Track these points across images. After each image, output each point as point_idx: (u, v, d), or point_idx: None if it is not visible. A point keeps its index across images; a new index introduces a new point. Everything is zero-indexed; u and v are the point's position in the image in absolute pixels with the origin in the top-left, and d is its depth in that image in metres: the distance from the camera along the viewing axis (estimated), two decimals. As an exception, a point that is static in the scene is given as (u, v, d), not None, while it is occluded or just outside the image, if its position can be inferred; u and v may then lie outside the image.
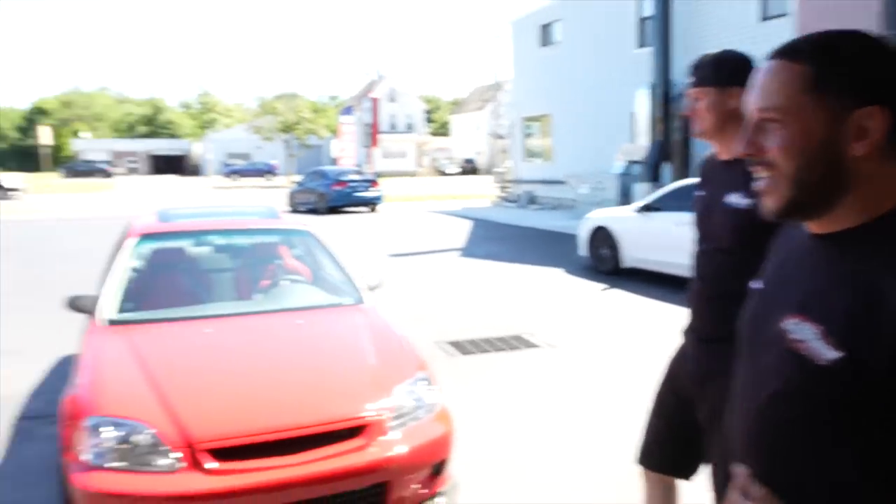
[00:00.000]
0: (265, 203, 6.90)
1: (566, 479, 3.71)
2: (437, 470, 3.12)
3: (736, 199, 1.98)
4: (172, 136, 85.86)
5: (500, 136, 29.71)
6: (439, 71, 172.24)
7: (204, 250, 4.74)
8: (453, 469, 3.26)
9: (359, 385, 3.13)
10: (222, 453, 2.67)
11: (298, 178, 27.23)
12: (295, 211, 21.96)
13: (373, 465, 2.83)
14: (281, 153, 51.72)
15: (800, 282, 1.06)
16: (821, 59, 1.01)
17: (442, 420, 3.21)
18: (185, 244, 4.67)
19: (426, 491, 3.08)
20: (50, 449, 4.12)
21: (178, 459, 2.64)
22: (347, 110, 38.56)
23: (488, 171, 56.12)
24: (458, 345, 6.41)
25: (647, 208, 9.44)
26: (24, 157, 77.36)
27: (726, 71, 2.05)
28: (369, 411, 2.95)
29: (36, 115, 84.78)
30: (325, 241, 4.70)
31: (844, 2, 5.20)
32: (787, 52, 1.05)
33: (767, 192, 1.07)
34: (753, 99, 1.07)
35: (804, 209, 1.05)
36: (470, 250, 13.01)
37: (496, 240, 14.59)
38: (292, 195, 23.73)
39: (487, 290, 9.17)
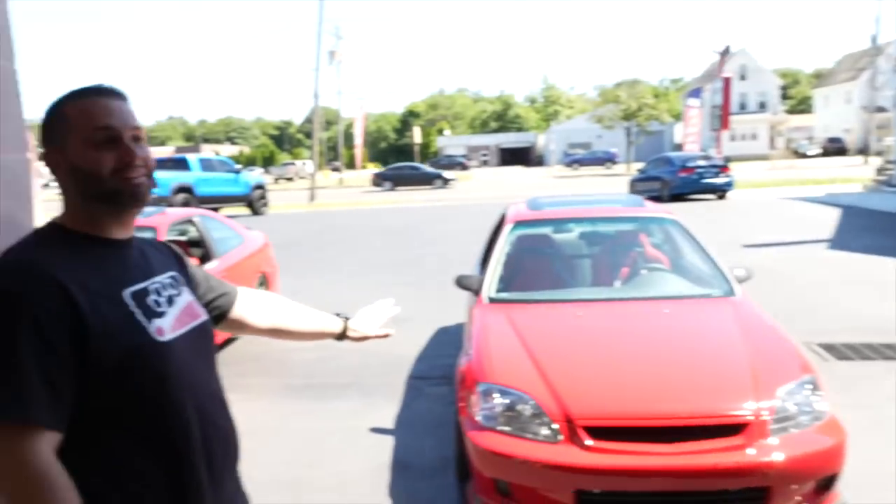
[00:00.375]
0: (623, 192, 6.91)
1: None
2: (825, 485, 2.83)
3: None
4: (519, 129, 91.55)
5: (880, 109, 25.39)
6: (799, 40, 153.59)
7: (569, 236, 4.98)
8: (842, 487, 2.92)
9: (738, 382, 2.98)
10: (598, 432, 2.78)
11: (638, 165, 26.87)
12: (636, 199, 21.68)
13: (752, 467, 2.68)
14: (621, 141, 51.57)
15: None
16: None
17: (831, 431, 2.89)
18: (553, 231, 4.95)
19: (809, 506, 2.81)
20: (435, 407, 4.77)
21: (557, 431, 2.83)
22: (695, 92, 36.68)
23: (859, 152, 48.42)
24: (831, 348, 5.69)
25: None
26: (399, 154, 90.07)
27: None
28: (749, 410, 2.80)
29: (408, 117, 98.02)
30: (692, 229, 4.56)
31: None
32: None
33: None
34: None
35: None
36: (841, 242, 11.41)
37: (876, 231, 12.54)
38: (633, 183, 23.48)
39: (867, 287, 7.94)
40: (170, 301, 1.29)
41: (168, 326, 1.23)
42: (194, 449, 1.22)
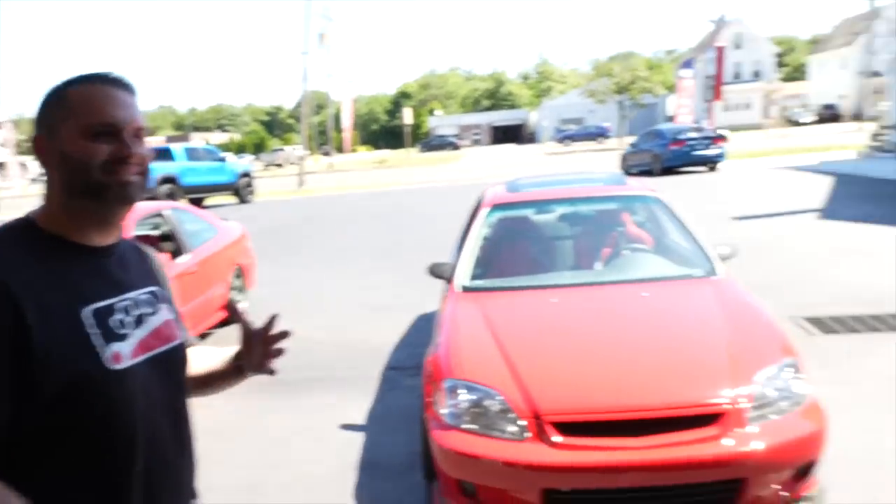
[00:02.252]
0: (607, 169, 6.72)
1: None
2: (804, 472, 2.70)
3: None
4: (512, 106, 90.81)
5: (875, 74, 25.15)
6: (796, 6, 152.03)
7: (548, 219, 4.79)
8: (819, 471, 2.79)
9: (714, 368, 2.84)
10: (568, 427, 2.64)
11: (631, 139, 26.65)
12: (627, 173, 21.48)
13: (727, 458, 2.55)
14: (614, 115, 51.18)
15: None
16: None
17: (811, 415, 2.76)
18: (532, 213, 4.76)
19: (787, 494, 2.69)
20: (409, 399, 4.61)
21: (525, 428, 2.68)
22: (688, 63, 36.31)
23: (854, 118, 48.06)
24: (818, 322, 5.57)
25: None
26: (390, 136, 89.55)
27: None
28: (725, 398, 2.66)
29: (400, 98, 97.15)
30: (675, 207, 4.39)
31: None
32: None
33: None
34: None
35: None
36: (832, 211, 11.27)
37: (868, 198, 12.39)
38: (625, 157, 23.33)
39: (858, 257, 7.81)
40: (138, 321, 1.17)
41: (127, 352, 1.12)
42: (132, 487, 1.11)
